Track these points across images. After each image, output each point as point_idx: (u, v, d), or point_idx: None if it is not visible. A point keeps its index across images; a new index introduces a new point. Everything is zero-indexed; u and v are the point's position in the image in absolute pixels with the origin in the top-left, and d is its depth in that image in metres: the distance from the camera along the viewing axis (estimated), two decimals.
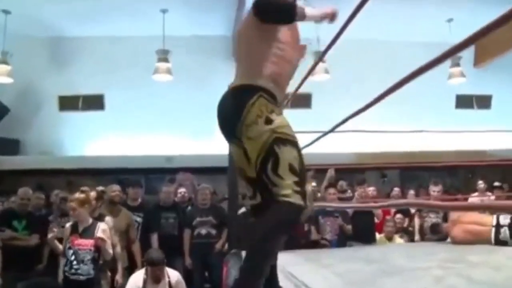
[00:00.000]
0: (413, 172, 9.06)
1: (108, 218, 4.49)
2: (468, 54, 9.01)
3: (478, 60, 9.24)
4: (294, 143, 1.96)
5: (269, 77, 2.06)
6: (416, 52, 8.72)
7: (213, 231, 5.41)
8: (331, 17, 2.15)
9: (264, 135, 1.92)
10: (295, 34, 2.23)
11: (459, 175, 9.63)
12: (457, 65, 8.06)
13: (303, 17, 2.05)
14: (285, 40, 2.12)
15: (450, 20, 8.04)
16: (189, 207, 5.89)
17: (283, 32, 2.12)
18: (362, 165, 7.72)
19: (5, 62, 7.33)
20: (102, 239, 3.98)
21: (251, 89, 2.03)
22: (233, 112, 2.02)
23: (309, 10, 2.07)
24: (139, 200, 5.76)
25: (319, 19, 2.16)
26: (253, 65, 2.10)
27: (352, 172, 7.44)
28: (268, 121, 1.94)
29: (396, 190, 7.42)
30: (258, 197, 2.08)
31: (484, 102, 9.82)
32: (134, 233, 5.14)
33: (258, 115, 1.95)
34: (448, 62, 8.13)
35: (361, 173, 7.57)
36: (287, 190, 1.86)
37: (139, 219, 5.39)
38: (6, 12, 7.33)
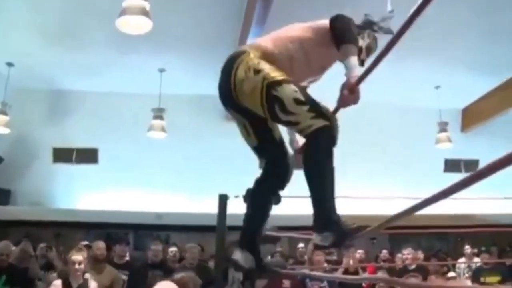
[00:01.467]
0: (402, 235, 9.08)
1: (88, 275, 4.46)
2: (455, 120, 9.31)
3: (465, 125, 9.52)
4: (286, 80, 2.00)
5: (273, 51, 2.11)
6: (405, 116, 9.09)
7: None
8: (352, 91, 1.91)
9: (257, 86, 1.98)
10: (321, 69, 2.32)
11: (449, 238, 9.65)
12: (444, 130, 8.29)
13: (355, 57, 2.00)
14: (316, 64, 2.22)
15: (437, 87, 8.35)
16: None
17: (320, 58, 2.21)
18: None
19: (3, 113, 7.47)
20: None
21: (238, 52, 2.13)
22: (225, 80, 2.08)
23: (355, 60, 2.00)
24: (126, 257, 5.73)
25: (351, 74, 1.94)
26: (272, 42, 2.17)
27: None
28: (256, 71, 2.00)
29: (384, 252, 7.44)
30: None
31: (471, 166, 9.99)
32: None
33: (245, 70, 2.01)
34: (436, 128, 8.37)
35: None
36: (306, 121, 1.92)
37: (125, 277, 5.35)
38: (10, 64, 7.59)
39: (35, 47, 7.12)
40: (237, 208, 4.00)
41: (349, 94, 1.91)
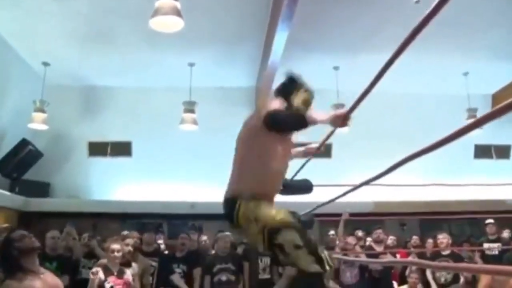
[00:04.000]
0: (433, 220, 9.09)
1: (134, 265, 4.70)
2: (485, 105, 9.20)
3: None
4: (286, 225, 2.16)
5: (254, 185, 2.33)
6: (434, 104, 9.05)
7: (233, 277, 5.58)
8: (342, 119, 2.27)
9: (259, 233, 2.18)
10: (287, 147, 2.51)
11: (480, 224, 9.60)
12: (474, 116, 8.22)
13: (313, 123, 2.26)
14: (274, 154, 2.38)
15: (466, 74, 8.30)
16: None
17: (274, 147, 2.38)
18: (379, 214, 7.82)
19: (41, 110, 7.78)
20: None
21: (232, 200, 2.33)
22: (231, 224, 2.35)
23: (317, 115, 2.28)
24: (154, 245, 6.03)
25: (329, 122, 2.29)
26: (240, 175, 2.40)
27: (370, 222, 7.55)
28: (257, 220, 2.20)
29: (415, 238, 7.51)
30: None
31: (503, 152, 9.89)
32: (148, 279, 5.31)
33: (246, 220, 2.23)
34: (465, 115, 8.32)
35: (379, 223, 7.67)
36: (304, 263, 2.08)
37: (155, 264, 5.62)
38: (46, 64, 7.92)
39: (69, 46, 7.40)
40: None
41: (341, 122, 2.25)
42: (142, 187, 8.94)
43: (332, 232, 6.54)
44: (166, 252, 6.57)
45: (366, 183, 2.34)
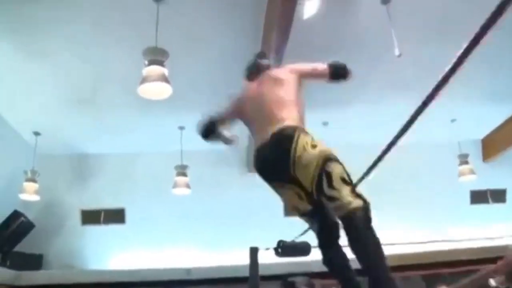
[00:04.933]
0: (436, 271, 8.88)
1: None
2: (476, 150, 9.24)
3: (486, 156, 9.45)
4: (337, 159, 2.27)
5: (301, 119, 2.50)
6: (423, 153, 9.06)
7: None
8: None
9: (314, 159, 2.21)
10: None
11: None
12: (466, 162, 8.25)
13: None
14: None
15: (453, 121, 8.37)
16: None
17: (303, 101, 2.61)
18: None
19: (33, 180, 7.74)
20: None
21: (292, 128, 2.37)
22: (283, 155, 2.30)
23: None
24: None
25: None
26: (294, 111, 2.51)
27: None
28: (314, 146, 2.26)
29: None
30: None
31: (499, 196, 9.84)
32: None
33: (304, 145, 2.27)
34: (456, 161, 8.33)
35: None
36: (347, 198, 2.10)
37: None
38: (37, 134, 7.95)
39: (59, 114, 7.44)
40: (267, 258, 4.07)
41: None
42: (136, 254, 8.74)
43: None
44: None
45: None
